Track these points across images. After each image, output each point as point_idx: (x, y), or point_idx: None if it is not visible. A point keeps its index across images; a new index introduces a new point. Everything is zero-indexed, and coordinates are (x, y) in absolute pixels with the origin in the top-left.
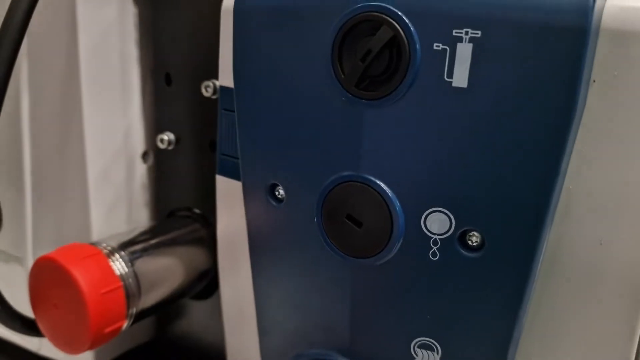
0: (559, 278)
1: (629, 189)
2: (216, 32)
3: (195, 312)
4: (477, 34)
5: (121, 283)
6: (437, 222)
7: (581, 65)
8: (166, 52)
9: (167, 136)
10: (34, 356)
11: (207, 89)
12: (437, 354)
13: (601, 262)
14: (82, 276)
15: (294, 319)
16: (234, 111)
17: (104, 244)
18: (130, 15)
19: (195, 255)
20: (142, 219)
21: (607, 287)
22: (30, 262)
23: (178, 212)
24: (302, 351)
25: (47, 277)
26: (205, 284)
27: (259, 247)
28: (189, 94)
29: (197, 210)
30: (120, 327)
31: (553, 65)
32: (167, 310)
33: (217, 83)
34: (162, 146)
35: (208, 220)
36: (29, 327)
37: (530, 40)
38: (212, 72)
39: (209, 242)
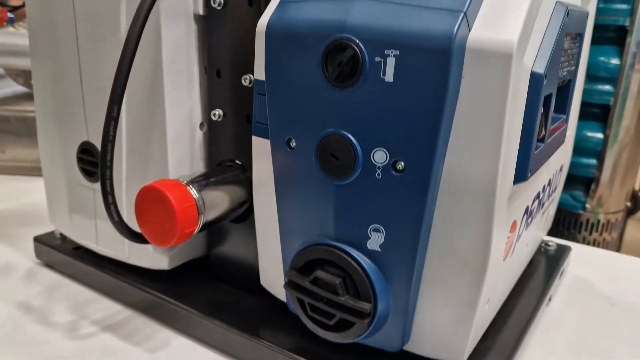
0: (450, 185)
1: (480, 137)
2: (250, 41)
3: (234, 234)
4: (397, 52)
5: (195, 202)
6: (379, 156)
7: (449, 68)
8: (217, 55)
9: (218, 112)
10: (127, 265)
11: (245, 80)
12: (382, 234)
13: (470, 175)
14: (172, 196)
15: (301, 222)
16: (264, 95)
17: (182, 179)
18: (193, 30)
19: (237, 191)
20: (199, 168)
21: (472, 188)
22: (124, 197)
23: (224, 163)
24: (306, 241)
25: (149, 198)
26: (242, 210)
27: (280, 179)
28: (233, 83)
29: (238, 162)
30: (193, 230)
31: (434, 68)
32: (216, 230)
33: (252, 76)
34: (214, 119)
35: (245, 168)
36: (134, 235)
37: (423, 55)
38: (249, 69)
39: (246, 183)
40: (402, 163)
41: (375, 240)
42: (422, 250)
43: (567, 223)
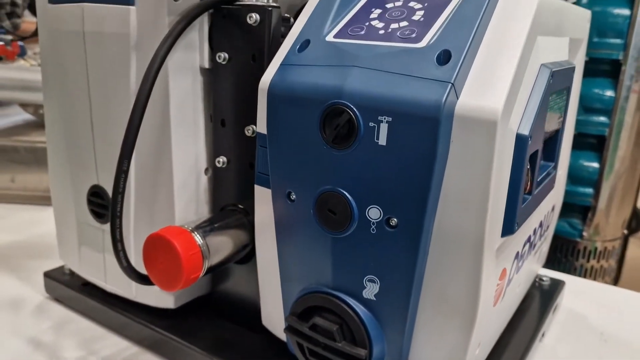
0: (440, 240)
1: (468, 196)
2: (253, 94)
3: (237, 274)
4: (390, 119)
5: (199, 249)
6: (374, 213)
7: (438, 134)
8: (221, 106)
9: (222, 159)
10: (133, 302)
11: (248, 130)
12: (377, 284)
13: (459, 231)
14: (179, 244)
15: (300, 270)
16: (265, 147)
17: (187, 226)
18: (199, 82)
19: (240, 235)
20: (204, 212)
21: (461, 242)
22: (132, 240)
23: (227, 207)
24: (305, 287)
25: (156, 246)
26: (245, 253)
27: (281, 228)
28: (236, 132)
29: (240, 206)
30: (198, 275)
31: (424, 134)
32: (220, 270)
33: (255, 128)
34: (218, 165)
35: (248, 212)
36: (142, 278)
37: (413, 122)
38: (252, 120)
39: (249, 227)
40: (395, 219)
41: (370, 290)
42: (415, 299)
43: (565, 250)
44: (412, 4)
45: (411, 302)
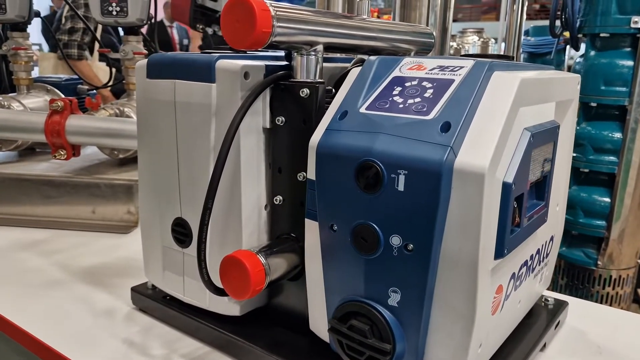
0: (446, 261)
1: (465, 228)
2: (303, 149)
3: (289, 289)
4: (406, 172)
5: (263, 267)
6: (395, 240)
7: (441, 183)
8: (279, 157)
9: (278, 198)
10: (204, 311)
11: (299, 176)
12: (399, 294)
13: (460, 254)
14: (248, 263)
15: (340, 283)
16: (314, 190)
17: (253, 249)
18: (262, 139)
19: (293, 257)
20: (264, 239)
21: (461, 263)
22: (208, 259)
23: (282, 235)
24: (343, 297)
25: (231, 264)
26: (296, 272)
27: (326, 251)
28: (290, 177)
29: (293, 235)
30: (262, 287)
31: (431, 183)
32: (275, 286)
33: (305, 174)
34: (276, 203)
35: (299, 240)
36: (217, 290)
37: (423, 175)
38: (302, 168)
39: (299, 251)
40: (412, 245)
41: (394, 299)
42: (428, 306)
43: (582, 278)
44: (424, 83)
45: (425, 309)
